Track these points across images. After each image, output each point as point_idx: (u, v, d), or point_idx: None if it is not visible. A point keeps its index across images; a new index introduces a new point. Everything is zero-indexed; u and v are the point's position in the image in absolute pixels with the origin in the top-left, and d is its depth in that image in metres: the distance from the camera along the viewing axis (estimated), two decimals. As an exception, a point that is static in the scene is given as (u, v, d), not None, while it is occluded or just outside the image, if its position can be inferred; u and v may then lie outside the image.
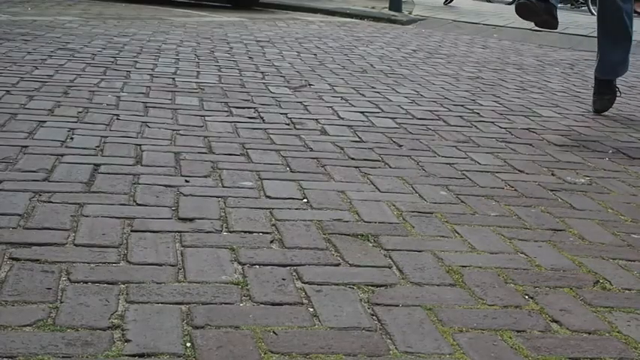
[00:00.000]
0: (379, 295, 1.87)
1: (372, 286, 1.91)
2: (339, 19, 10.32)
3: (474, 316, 1.79)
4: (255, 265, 1.98)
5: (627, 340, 1.73)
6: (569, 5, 15.31)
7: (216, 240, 2.13)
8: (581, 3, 15.26)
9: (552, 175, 3.10)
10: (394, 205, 2.54)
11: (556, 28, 3.70)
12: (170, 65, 5.07)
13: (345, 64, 5.81)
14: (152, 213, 2.29)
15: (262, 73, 5.08)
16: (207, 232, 2.18)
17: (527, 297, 1.92)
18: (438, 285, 1.95)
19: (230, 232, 2.20)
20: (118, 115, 3.53)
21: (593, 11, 14.18)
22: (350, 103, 4.24)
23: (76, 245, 2.01)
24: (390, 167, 3.02)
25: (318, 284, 1.89)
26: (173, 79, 4.58)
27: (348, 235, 2.24)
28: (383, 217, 2.41)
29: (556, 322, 1.79)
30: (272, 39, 7.14)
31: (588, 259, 2.21)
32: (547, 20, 3.66)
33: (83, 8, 8.85)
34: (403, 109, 4.21)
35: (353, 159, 3.09)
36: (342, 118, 3.84)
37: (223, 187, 2.60)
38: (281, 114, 3.83)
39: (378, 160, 3.10)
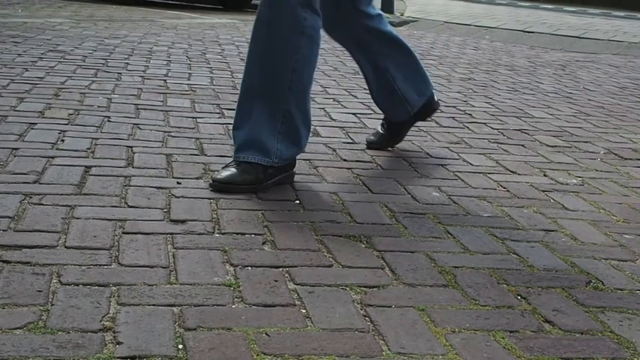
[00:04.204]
0: (372, 296, 1.86)
1: (364, 287, 1.91)
2: (331, 20, 10.31)
3: (467, 316, 1.79)
4: (247, 266, 1.98)
5: (620, 339, 1.73)
6: None
7: (208, 242, 2.12)
8: None
9: (544, 175, 3.10)
10: (387, 206, 2.54)
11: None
12: (161, 67, 5.06)
13: (337, 65, 5.81)
14: (144, 215, 2.28)
15: (254, 74, 5.06)
16: (199, 234, 2.17)
17: (519, 297, 1.92)
18: (430, 286, 1.95)
19: (222, 233, 2.19)
20: (109, 117, 3.52)
21: None
22: (342, 105, 4.23)
23: (67, 247, 2.00)
24: (383, 168, 3.01)
25: (310, 285, 1.89)
26: (164, 80, 4.57)
27: (341, 236, 2.24)
28: (375, 218, 2.41)
29: (549, 322, 1.79)
30: (264, 41, 7.12)
31: (581, 259, 2.21)
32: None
33: (74, 10, 8.83)
34: (395, 110, 4.20)
35: (345, 160, 3.08)
36: (334, 120, 3.83)
37: (215, 188, 2.59)
38: (273, 115, 3.81)
39: (371, 162, 3.09)
